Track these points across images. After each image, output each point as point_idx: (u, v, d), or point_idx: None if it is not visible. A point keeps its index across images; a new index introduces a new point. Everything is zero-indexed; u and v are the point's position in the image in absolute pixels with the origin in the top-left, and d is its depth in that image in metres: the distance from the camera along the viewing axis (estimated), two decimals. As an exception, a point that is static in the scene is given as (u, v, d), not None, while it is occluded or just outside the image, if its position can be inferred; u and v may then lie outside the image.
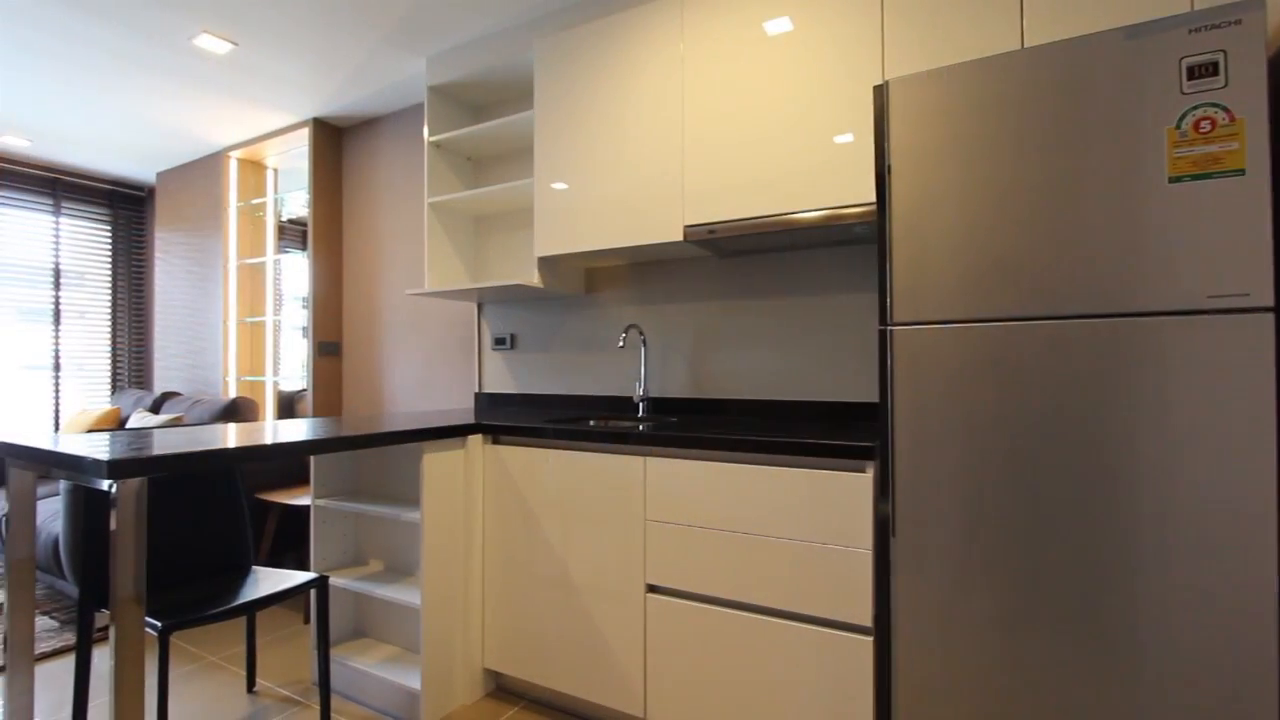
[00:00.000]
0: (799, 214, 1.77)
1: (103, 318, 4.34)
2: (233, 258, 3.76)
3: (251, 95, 3.02)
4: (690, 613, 1.64)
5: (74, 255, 4.19)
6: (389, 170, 3.23)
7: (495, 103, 2.79)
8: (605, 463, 1.79)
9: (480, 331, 2.86)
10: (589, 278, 2.54)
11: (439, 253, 2.67)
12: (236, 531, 2.00)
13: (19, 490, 1.53)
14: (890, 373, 1.32)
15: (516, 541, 1.96)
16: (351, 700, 2.04)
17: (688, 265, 2.33)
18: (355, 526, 2.31)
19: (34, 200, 4.02)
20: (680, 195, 1.96)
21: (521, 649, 1.95)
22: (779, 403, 2.13)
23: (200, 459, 1.33)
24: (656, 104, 2.02)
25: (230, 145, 3.69)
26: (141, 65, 2.72)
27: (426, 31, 2.46)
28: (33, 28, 2.42)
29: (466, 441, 2.01)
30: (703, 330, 2.28)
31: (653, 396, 2.37)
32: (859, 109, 1.69)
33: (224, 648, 2.41)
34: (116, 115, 3.27)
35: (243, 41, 2.54)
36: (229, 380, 3.73)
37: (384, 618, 2.22)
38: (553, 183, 2.24)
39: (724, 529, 1.59)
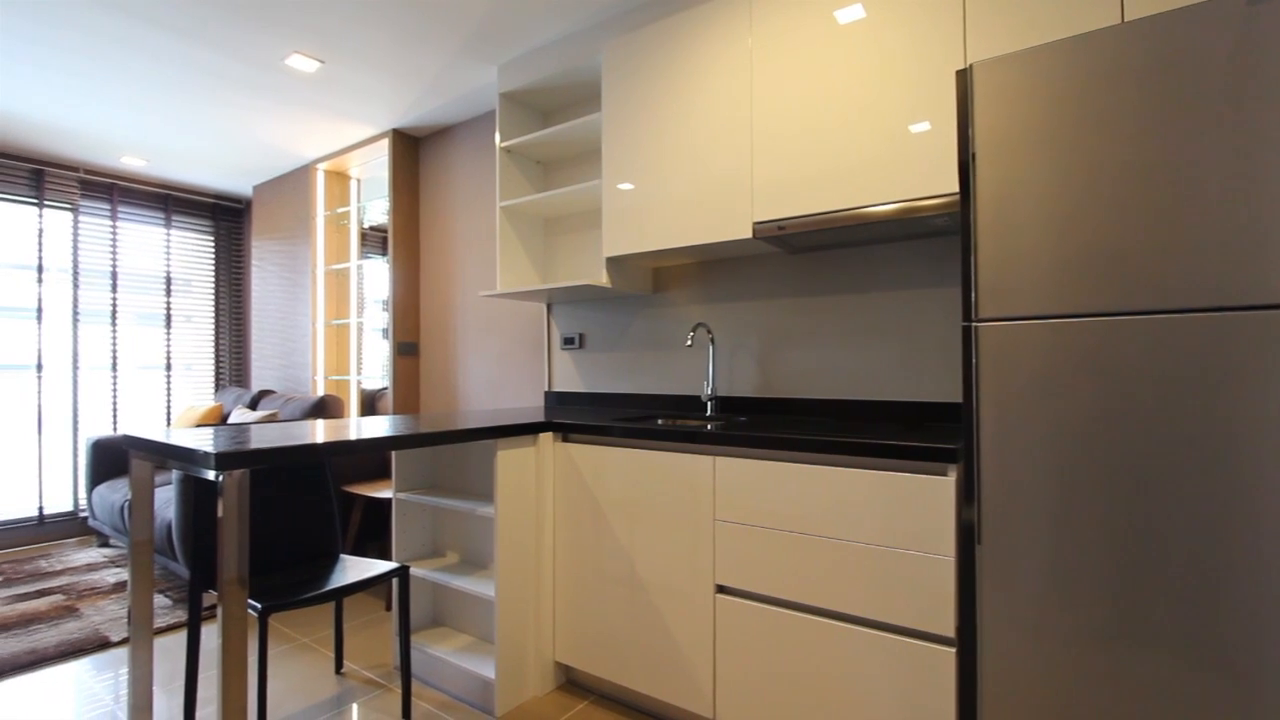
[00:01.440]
0: (873, 207, 1.71)
1: (207, 321, 4.70)
2: (320, 264, 3.99)
3: (337, 110, 3.20)
4: (761, 615, 1.62)
5: (182, 264, 4.56)
6: (462, 176, 3.35)
7: (563, 107, 2.84)
8: (674, 462, 1.79)
9: (549, 331, 2.92)
10: (656, 277, 2.55)
11: (510, 255, 2.74)
12: (326, 521, 2.12)
13: (139, 479, 1.67)
14: (975, 371, 1.26)
15: (586, 538, 1.99)
16: (430, 686, 2.12)
17: (756, 263, 2.29)
18: (433, 519, 2.40)
19: (149, 215, 4.40)
20: (749, 191, 1.94)
21: (591, 644, 1.97)
22: (851, 402, 2.06)
23: (295, 453, 1.42)
24: (724, 100, 2.00)
25: (318, 158, 3.92)
26: (240, 87, 2.93)
27: (498, 40, 2.53)
28: (149, 59, 2.65)
29: (538, 439, 2.06)
30: (772, 328, 2.25)
31: (720, 395, 2.35)
32: (936, 96, 1.62)
33: (314, 630, 2.57)
34: (219, 134, 3.53)
35: (329, 60, 2.69)
36: (317, 379, 3.96)
37: (460, 607, 2.30)
38: (620, 183, 2.26)
39: (797, 531, 1.56)
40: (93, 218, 4.13)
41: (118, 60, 2.67)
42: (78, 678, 2.18)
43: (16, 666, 2.24)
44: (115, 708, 1.99)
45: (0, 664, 2.25)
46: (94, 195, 4.14)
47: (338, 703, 2.01)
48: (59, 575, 3.24)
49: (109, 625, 2.58)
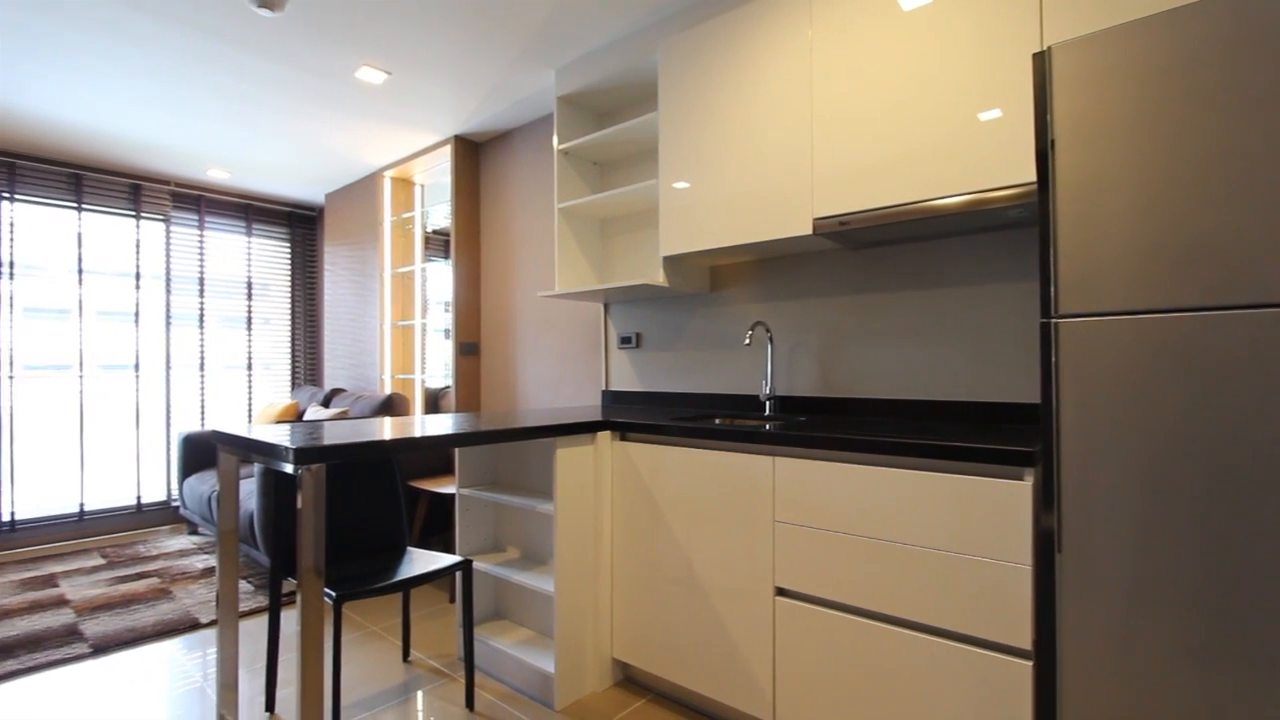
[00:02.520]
0: (940, 200, 1.65)
1: (283, 323, 4.97)
2: (387, 267, 4.15)
3: (402, 119, 3.32)
4: (823, 619, 1.58)
5: (261, 270, 4.84)
6: (520, 180, 3.42)
7: (619, 108, 2.86)
8: (732, 461, 1.77)
9: (606, 331, 2.94)
10: (714, 275, 2.53)
11: (568, 256, 2.78)
12: (394, 515, 2.20)
13: (226, 472, 1.78)
14: (1055, 370, 1.20)
15: (643, 536, 2.00)
16: (492, 676, 2.18)
17: (816, 259, 2.25)
18: (494, 515, 2.46)
19: (232, 224, 4.68)
20: (809, 187, 1.90)
21: (649, 642, 1.98)
22: (916, 402, 1.99)
23: (366, 449, 1.48)
24: (783, 94, 1.97)
25: (384, 165, 4.08)
26: (314, 100, 3.08)
27: (556, 44, 2.57)
28: (234, 77, 2.82)
29: (596, 438, 2.08)
30: (833, 326, 2.20)
31: (779, 395, 2.32)
32: (1008, 82, 1.54)
33: (382, 619, 2.67)
34: (294, 146, 3.72)
35: (396, 71, 2.79)
36: (384, 378, 4.12)
37: (521, 601, 2.35)
38: (677, 182, 2.25)
39: (861, 534, 1.52)
40: (182, 228, 4.43)
41: (205, 80, 2.85)
42: (171, 655, 2.35)
43: (120, 643, 2.43)
44: (204, 684, 2.13)
45: (107, 640, 2.44)
46: (184, 207, 4.44)
47: (405, 690, 2.09)
48: (155, 560, 3.49)
49: (198, 608, 2.76)
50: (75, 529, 4.00)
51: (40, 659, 2.29)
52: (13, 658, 2.29)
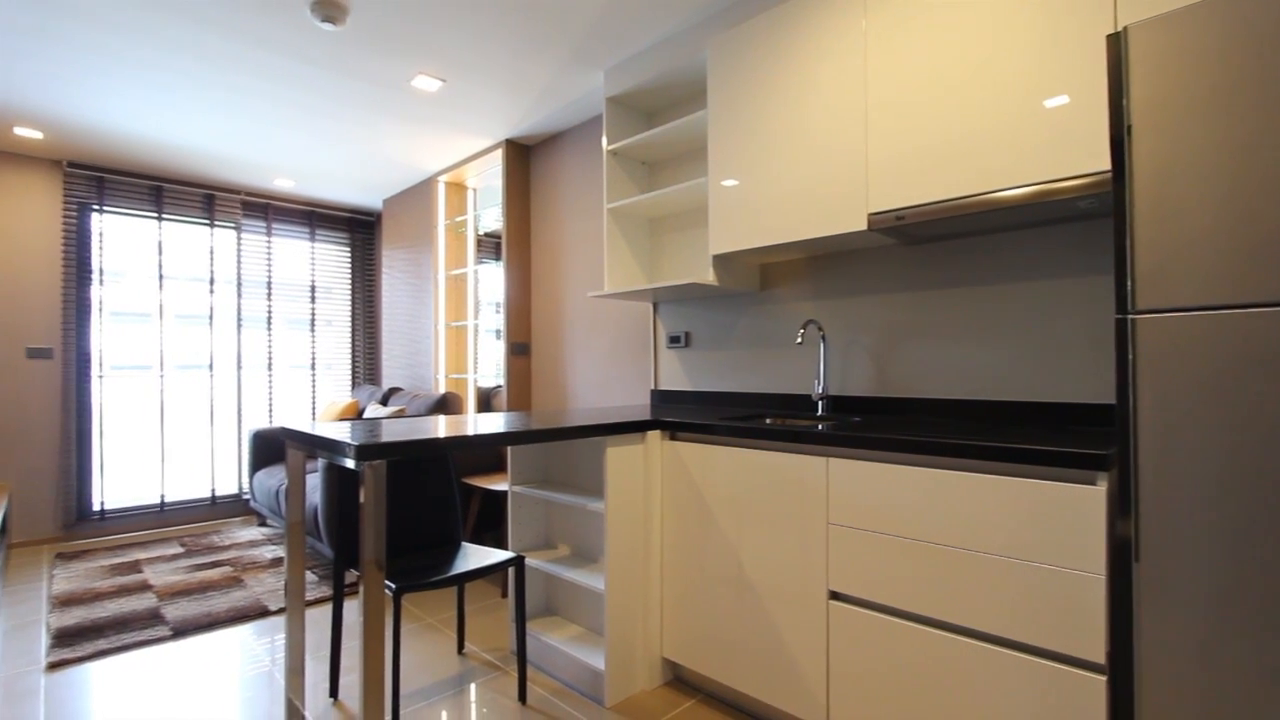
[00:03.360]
0: (1004, 192, 1.58)
1: (344, 325, 5.17)
2: (441, 270, 4.27)
3: (456, 124, 3.40)
4: (879, 625, 1.54)
5: (323, 274, 5.04)
6: (570, 181, 3.46)
7: (668, 106, 2.86)
8: (784, 462, 1.75)
9: (655, 330, 2.95)
10: (764, 274, 2.50)
11: (617, 256, 2.80)
12: (449, 511, 2.26)
13: (294, 466, 1.86)
14: (1132, 369, 1.13)
15: (693, 536, 1.99)
16: (543, 671, 2.21)
17: (871, 255, 2.19)
18: (545, 512, 2.50)
19: (296, 230, 4.90)
20: (863, 181, 1.85)
21: (699, 642, 1.97)
22: (977, 403, 1.92)
23: (425, 445, 1.52)
24: (836, 87, 1.93)
25: (439, 170, 4.19)
26: (373, 109, 3.19)
27: (605, 45, 2.59)
28: (299, 90, 2.95)
29: (646, 437, 2.08)
30: (889, 324, 2.14)
31: (833, 395, 2.27)
32: (1075, 66, 1.47)
33: (438, 611, 2.75)
34: (354, 154, 3.87)
35: (450, 78, 2.87)
36: (439, 377, 4.24)
37: (571, 598, 2.37)
38: (727, 179, 2.24)
39: (920, 539, 1.47)
40: (252, 234, 4.66)
41: (272, 93, 2.99)
42: (243, 640, 2.47)
43: (198, 626, 2.57)
44: (273, 669, 2.23)
45: (185, 624, 2.59)
46: (253, 214, 4.68)
47: (460, 681, 2.14)
48: (228, 549, 3.69)
49: (267, 596, 2.90)
50: (156, 519, 4.26)
51: (127, 639, 2.45)
52: (103, 638, 2.46)
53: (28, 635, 2.53)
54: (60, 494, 3.94)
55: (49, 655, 2.33)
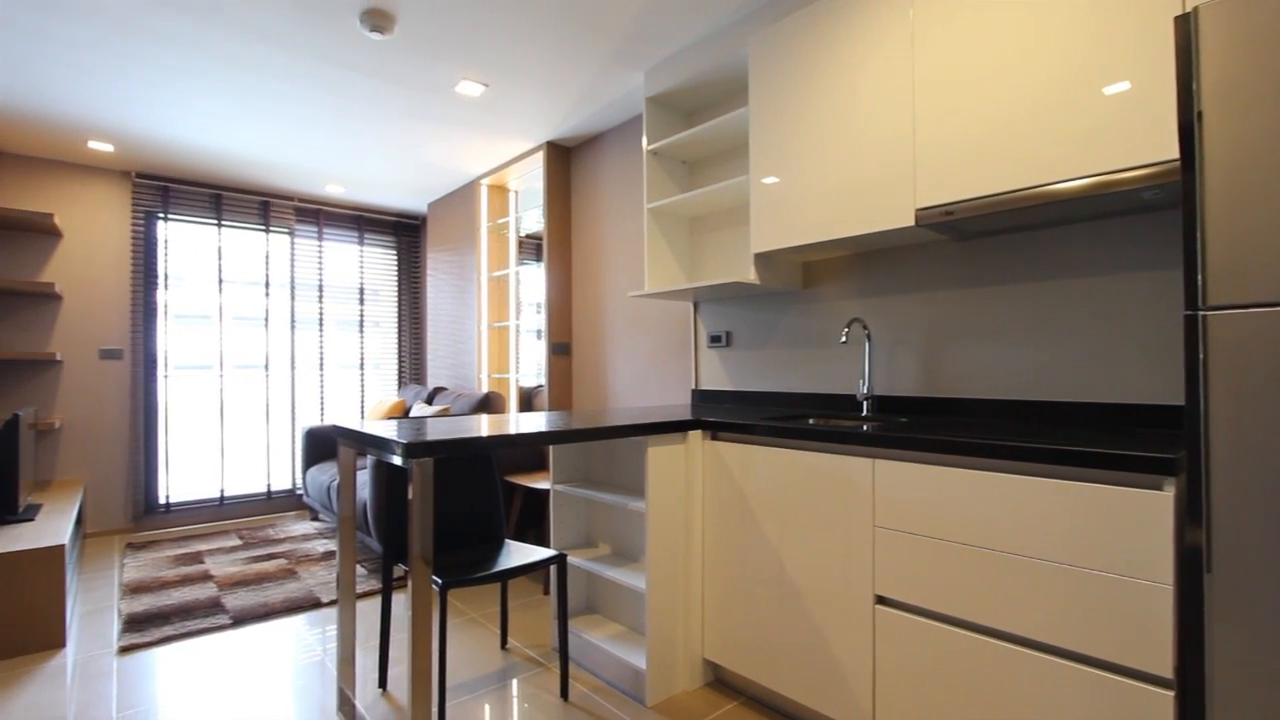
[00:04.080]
0: (1060, 184, 1.52)
1: (391, 326, 5.31)
2: (484, 271, 4.34)
3: (498, 128, 3.46)
4: (929, 632, 1.50)
5: (371, 276, 5.19)
6: (610, 182, 3.47)
7: (708, 105, 2.85)
8: (828, 463, 1.72)
9: (696, 330, 2.93)
10: (807, 272, 2.47)
11: (657, 255, 2.80)
12: (493, 508, 2.30)
13: (345, 463, 1.92)
14: (1202, 368, 1.07)
15: (735, 537, 1.98)
16: (584, 669, 2.22)
17: (919, 252, 2.14)
18: (587, 511, 2.52)
19: (346, 234, 5.06)
20: (911, 175, 1.81)
21: (740, 644, 1.95)
22: (1033, 403, 1.85)
23: (471, 444, 1.55)
24: (882, 80, 1.88)
25: (481, 174, 4.27)
26: (418, 116, 3.27)
27: (645, 46, 2.59)
28: (347, 96, 3.04)
29: (687, 437, 2.08)
30: (937, 322, 2.08)
31: (878, 395, 2.22)
32: (1137, 51, 1.40)
33: (481, 607, 2.80)
34: (400, 159, 3.97)
35: (492, 83, 2.91)
36: (482, 377, 4.31)
37: (612, 597, 2.38)
38: (768, 177, 2.21)
39: (973, 544, 1.43)
40: (304, 239, 4.83)
41: (324, 102, 3.10)
42: (296, 629, 2.56)
43: (255, 616, 2.68)
44: (324, 658, 2.31)
45: (244, 613, 2.70)
46: (305, 220, 4.85)
47: (503, 676, 2.17)
48: (282, 543, 3.83)
49: (319, 588, 3.00)
50: (216, 512, 4.45)
51: (191, 626, 2.57)
52: (170, 624, 2.59)
53: (101, 620, 2.68)
54: (130, 487, 4.16)
55: (120, 640, 2.46)
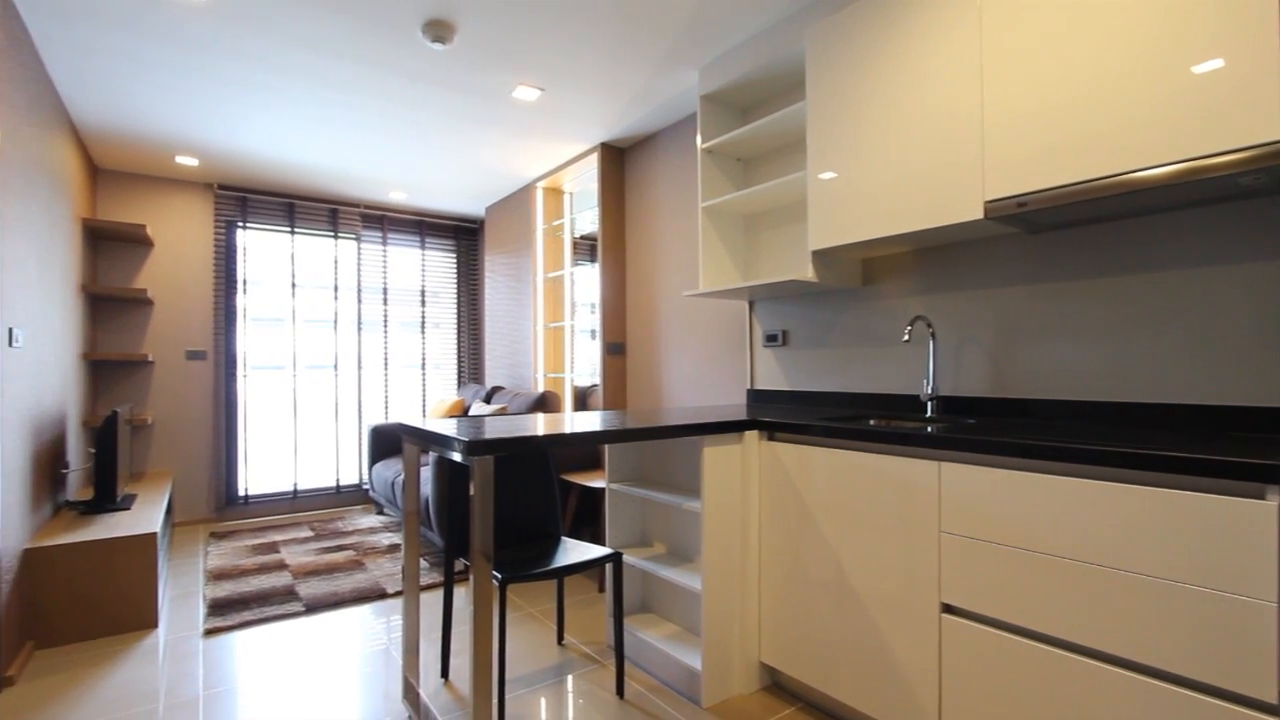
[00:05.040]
0: (1144, 171, 1.43)
1: (450, 327, 5.47)
2: (539, 273, 4.42)
3: (554, 131, 3.51)
4: (1000, 643, 1.44)
5: (432, 279, 5.36)
6: (664, 181, 3.47)
7: (763, 101, 2.81)
8: (890, 465, 1.67)
9: (751, 329, 2.90)
10: (866, 268, 2.40)
11: (712, 254, 2.78)
12: (550, 505, 2.33)
13: (410, 460, 1.99)
14: (1312, 367, 0.98)
15: (792, 539, 1.94)
16: (639, 667, 2.23)
17: (987, 246, 2.05)
18: (641, 510, 2.52)
19: (408, 239, 5.24)
20: (979, 166, 1.73)
21: (798, 649, 1.92)
22: (1111, 405, 1.74)
23: (531, 442, 1.58)
24: (947, 67, 1.81)
25: (537, 177, 4.34)
26: (476, 121, 3.36)
27: (700, 43, 2.58)
28: (409, 105, 3.15)
29: (743, 437, 2.05)
30: (1007, 320, 1.99)
31: (943, 395, 2.14)
32: (1231, 26, 1.29)
33: (538, 602, 2.84)
34: (459, 165, 4.08)
35: (548, 87, 2.96)
36: (537, 376, 4.38)
37: (667, 596, 2.38)
38: (826, 172, 2.16)
39: (1050, 553, 1.36)
40: (369, 244, 5.03)
41: (388, 111, 3.21)
42: (363, 619, 2.67)
43: (325, 604, 2.81)
44: (389, 646, 2.40)
45: (316, 601, 2.83)
46: (370, 226, 5.05)
47: (559, 671, 2.20)
48: (350, 535, 4.00)
49: (385, 579, 3.12)
50: (290, 505, 4.69)
51: (269, 612, 2.71)
52: (249, 609, 2.74)
53: (188, 604, 2.87)
54: (212, 480, 4.43)
55: (205, 623, 2.62)
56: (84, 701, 2.03)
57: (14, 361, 2.26)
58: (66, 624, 2.46)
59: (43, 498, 2.68)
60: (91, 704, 2.01)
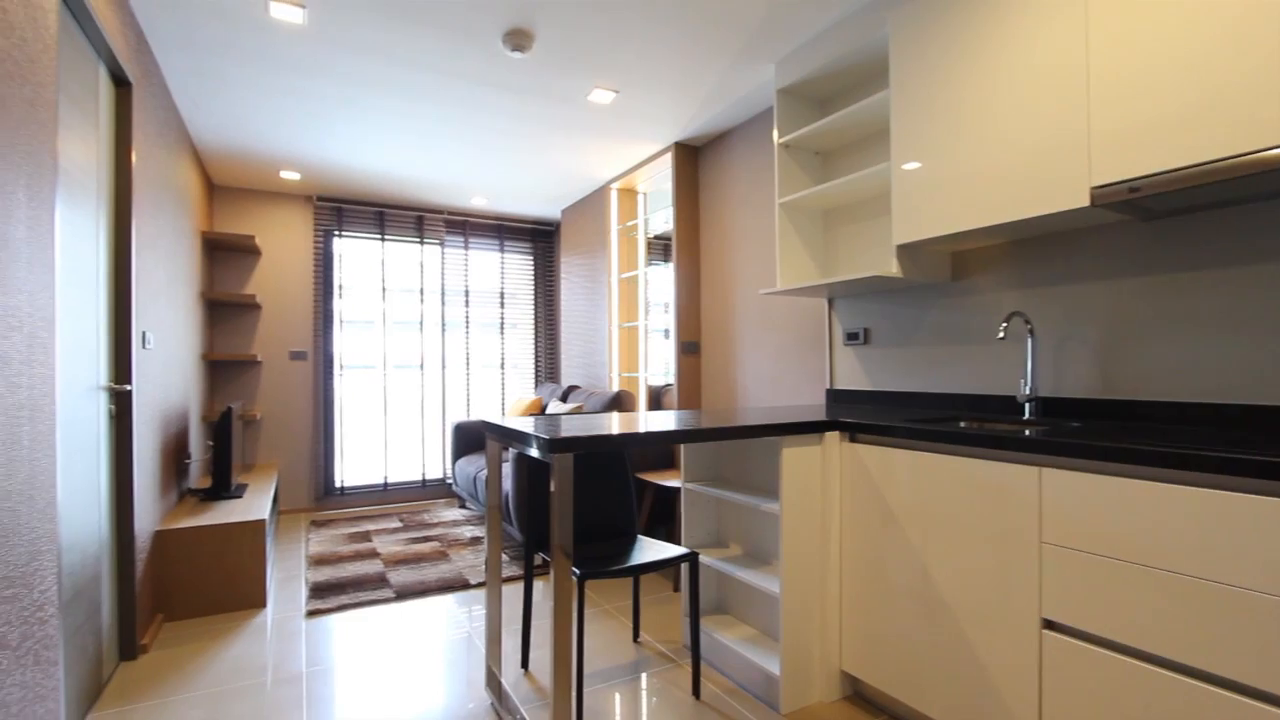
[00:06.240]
0: (1273, 150, 1.28)
1: (528, 328, 5.62)
2: (614, 273, 4.47)
3: (628, 132, 3.54)
4: (1110, 665, 1.33)
5: (510, 281, 5.53)
6: (738, 179, 3.43)
7: (842, 92, 2.72)
8: (984, 470, 1.57)
9: (831, 327, 2.82)
10: (956, 262, 2.28)
11: (789, 251, 2.72)
12: (626, 503, 2.35)
13: (493, 456, 2.06)
14: None
15: (875, 545, 1.87)
16: (715, 668, 2.21)
17: (1092, 235, 1.90)
18: (717, 510, 2.50)
19: (488, 243, 5.43)
20: (1084, 149, 1.61)
21: (882, 658, 1.84)
22: (1238, 408, 1.57)
23: (609, 441, 1.60)
24: (1047, 43, 1.69)
25: (611, 178, 4.39)
26: (553, 126, 3.43)
27: (776, 37, 2.53)
28: (490, 113, 3.26)
29: (824, 438, 2.00)
30: (1116, 315, 1.84)
31: (1042, 396, 2.01)
32: None
33: (614, 600, 2.87)
34: (537, 169, 4.19)
35: (623, 90, 2.99)
36: (612, 376, 4.44)
37: (743, 598, 2.35)
38: (913, 162, 2.07)
39: (1169, 569, 1.24)
40: (452, 249, 5.25)
41: (471, 121, 3.34)
42: (447, 607, 2.78)
43: (413, 592, 2.95)
44: (471, 634, 2.49)
45: (405, 589, 2.98)
46: (453, 231, 5.26)
47: (635, 668, 2.22)
48: (435, 527, 4.18)
49: (468, 570, 3.24)
50: (380, 497, 4.96)
51: (363, 597, 2.88)
52: (344, 594, 2.92)
53: (292, 586, 3.09)
54: (312, 472, 4.75)
55: (307, 605, 2.81)
56: (205, 671, 2.22)
57: (146, 362, 2.50)
58: (189, 600, 2.70)
59: (169, 485, 2.95)
60: (211, 674, 2.20)
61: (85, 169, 1.96)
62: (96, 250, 2.07)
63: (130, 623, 2.27)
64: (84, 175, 1.95)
